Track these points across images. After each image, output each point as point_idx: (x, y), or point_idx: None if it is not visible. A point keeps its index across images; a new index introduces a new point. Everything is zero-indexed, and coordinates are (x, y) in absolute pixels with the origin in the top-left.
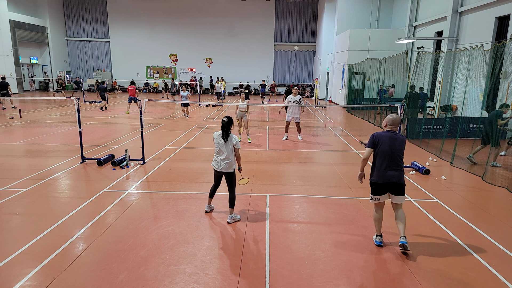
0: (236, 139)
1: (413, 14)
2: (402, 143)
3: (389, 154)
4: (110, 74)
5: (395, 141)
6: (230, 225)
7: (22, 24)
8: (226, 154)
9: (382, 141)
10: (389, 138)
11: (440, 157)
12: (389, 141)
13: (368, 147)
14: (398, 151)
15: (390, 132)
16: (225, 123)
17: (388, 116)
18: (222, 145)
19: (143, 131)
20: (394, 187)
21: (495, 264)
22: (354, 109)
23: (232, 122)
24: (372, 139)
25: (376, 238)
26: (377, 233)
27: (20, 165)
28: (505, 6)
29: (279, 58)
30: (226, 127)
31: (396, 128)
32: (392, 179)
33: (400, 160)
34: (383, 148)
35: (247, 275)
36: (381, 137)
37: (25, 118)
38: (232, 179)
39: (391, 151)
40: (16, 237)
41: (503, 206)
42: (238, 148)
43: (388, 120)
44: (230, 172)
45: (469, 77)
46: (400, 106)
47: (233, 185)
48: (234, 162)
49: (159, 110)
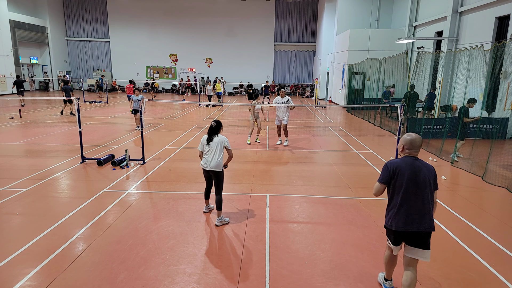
0: (225, 140)
1: (413, 14)
2: (430, 174)
3: (412, 191)
4: (110, 74)
5: (419, 171)
6: (230, 225)
7: (22, 24)
8: (214, 154)
9: (401, 173)
10: (410, 167)
11: (440, 157)
12: (410, 173)
13: (381, 182)
14: (425, 186)
15: (411, 160)
16: (212, 127)
17: (404, 137)
18: (209, 146)
19: (143, 131)
20: (415, 236)
21: (495, 264)
22: (354, 109)
23: (220, 126)
24: (386, 170)
25: (386, 282)
26: (386, 277)
27: (20, 165)
28: (505, 6)
29: (279, 58)
30: (211, 132)
31: (417, 153)
32: (413, 227)
33: (428, 199)
34: (403, 182)
35: (247, 275)
36: (398, 168)
37: (25, 118)
38: (220, 180)
39: (416, 186)
40: (16, 237)
41: (503, 206)
42: (229, 148)
43: (405, 142)
44: (218, 171)
45: (469, 77)
46: (400, 106)
47: (220, 186)
48: (222, 161)
49: (159, 110)
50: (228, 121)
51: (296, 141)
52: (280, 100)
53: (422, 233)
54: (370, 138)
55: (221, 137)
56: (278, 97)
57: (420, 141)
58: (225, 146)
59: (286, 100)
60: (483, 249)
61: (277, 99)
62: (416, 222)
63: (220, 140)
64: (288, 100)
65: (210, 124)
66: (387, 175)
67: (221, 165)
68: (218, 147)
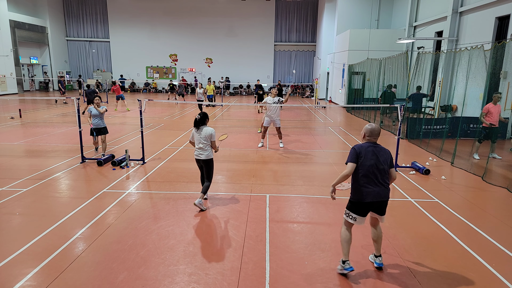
0: (210, 131)
1: (413, 14)
2: (387, 156)
3: (374, 168)
4: (110, 74)
5: (378, 153)
6: (230, 225)
7: (22, 24)
8: (201, 144)
9: (365, 154)
10: (371, 151)
11: (440, 157)
12: (371, 154)
13: (350, 162)
14: (384, 165)
15: (371, 144)
16: (197, 120)
17: (366, 126)
18: (196, 137)
19: (143, 131)
20: (379, 205)
21: (495, 264)
22: (354, 109)
23: (205, 117)
24: (354, 152)
25: (344, 265)
26: (344, 258)
27: (20, 165)
28: (505, 6)
29: (279, 58)
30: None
31: (375, 139)
32: (378, 197)
33: (386, 175)
34: (366, 162)
35: (247, 275)
36: (363, 149)
37: (25, 118)
38: (210, 168)
39: (376, 165)
40: (16, 237)
41: (503, 206)
42: (214, 140)
43: (366, 130)
44: (206, 160)
45: (469, 77)
46: (400, 106)
47: (209, 174)
48: (210, 152)
49: (159, 110)
50: (227, 121)
51: (296, 141)
52: (271, 100)
53: (384, 201)
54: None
55: (208, 129)
56: (269, 96)
57: (378, 130)
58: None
59: (277, 100)
60: (483, 249)
61: (268, 98)
62: (381, 194)
63: (207, 132)
64: (279, 99)
65: (195, 117)
66: (355, 155)
67: (209, 155)
68: (203, 137)
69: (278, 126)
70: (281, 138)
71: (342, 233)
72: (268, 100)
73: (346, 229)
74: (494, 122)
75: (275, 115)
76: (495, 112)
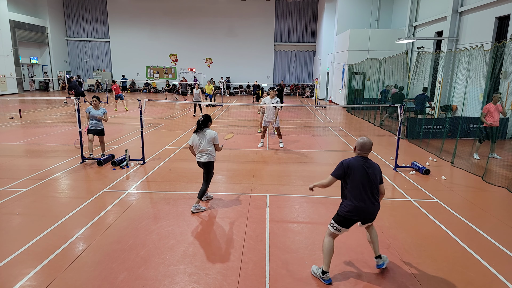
0: (215, 135)
1: (413, 14)
2: (377, 172)
3: (363, 185)
4: (110, 74)
5: (368, 169)
6: (230, 225)
7: (22, 24)
8: (202, 147)
9: (354, 170)
10: (361, 167)
11: (440, 157)
12: (361, 170)
13: (334, 176)
14: (373, 181)
15: (362, 159)
16: (199, 122)
17: (358, 140)
18: (197, 140)
19: (143, 131)
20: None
21: (495, 264)
22: (354, 109)
23: (208, 120)
24: (341, 167)
25: (323, 276)
26: (325, 269)
27: (20, 165)
28: (505, 6)
29: (279, 58)
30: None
31: (367, 154)
32: (365, 215)
33: (376, 191)
34: (356, 177)
35: (247, 275)
36: (352, 166)
37: (25, 118)
38: (209, 171)
39: (367, 181)
40: (16, 237)
41: (503, 206)
42: (217, 143)
43: (357, 144)
44: (207, 162)
45: (469, 77)
46: (400, 107)
47: (208, 177)
48: (213, 154)
49: (159, 110)
50: (228, 121)
51: (296, 141)
52: (269, 100)
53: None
54: (370, 138)
55: (211, 132)
56: (267, 97)
57: (370, 145)
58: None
59: (275, 101)
60: (483, 249)
61: (266, 99)
62: (369, 210)
63: (210, 135)
64: (278, 101)
65: (198, 119)
66: (342, 172)
67: (210, 158)
68: (204, 140)
69: (277, 126)
70: (281, 138)
71: (326, 243)
72: (266, 101)
73: (330, 240)
74: (494, 122)
75: (273, 116)
76: (495, 111)
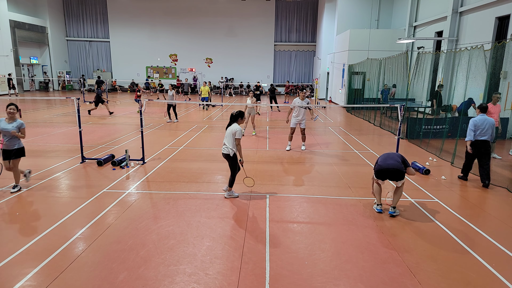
0: (237, 129)
1: (413, 14)
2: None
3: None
4: (110, 74)
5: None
6: (230, 225)
7: (22, 24)
8: (226, 140)
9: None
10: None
11: (440, 157)
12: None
13: None
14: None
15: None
16: (232, 115)
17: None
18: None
19: (143, 131)
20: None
21: (495, 264)
22: (354, 109)
23: (240, 115)
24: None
25: (377, 206)
26: (377, 202)
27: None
28: (505, 6)
29: (279, 58)
30: (231, 119)
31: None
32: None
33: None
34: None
35: (247, 275)
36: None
37: (25, 118)
38: (232, 163)
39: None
40: (16, 237)
41: (503, 206)
42: (237, 137)
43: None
44: (228, 154)
45: (469, 77)
46: (400, 106)
47: (232, 168)
48: (232, 148)
49: (159, 110)
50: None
51: (296, 141)
52: (300, 103)
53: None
54: (370, 138)
55: (234, 126)
56: (297, 98)
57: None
58: (235, 135)
59: (306, 103)
60: (483, 249)
61: (297, 101)
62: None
63: (232, 129)
64: (308, 103)
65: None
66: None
67: (230, 151)
68: (229, 134)
69: (304, 127)
70: (304, 141)
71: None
72: (297, 103)
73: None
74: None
75: (301, 117)
76: (494, 112)
